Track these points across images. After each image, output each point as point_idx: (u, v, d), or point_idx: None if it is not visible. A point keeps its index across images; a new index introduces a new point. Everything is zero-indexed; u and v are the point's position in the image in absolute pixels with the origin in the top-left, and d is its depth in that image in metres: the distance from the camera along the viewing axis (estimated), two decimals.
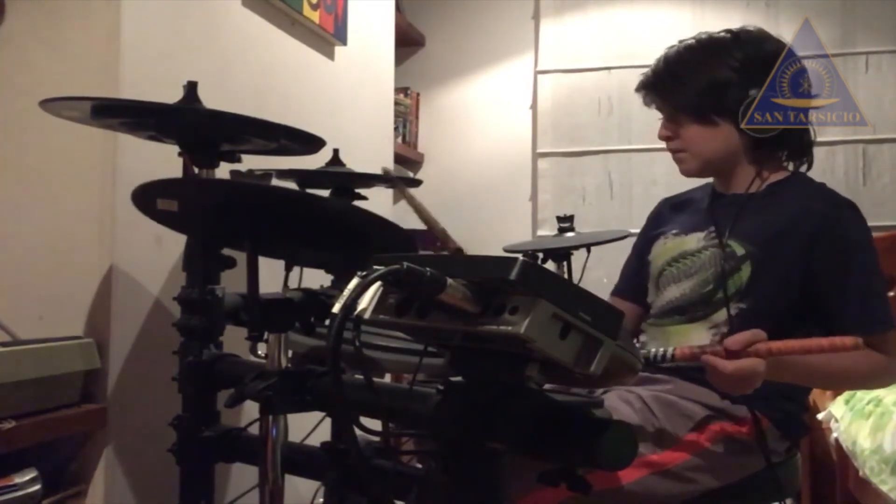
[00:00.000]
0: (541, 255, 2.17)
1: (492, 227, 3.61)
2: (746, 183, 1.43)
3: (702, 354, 1.13)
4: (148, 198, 1.27)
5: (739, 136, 1.40)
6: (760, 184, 1.43)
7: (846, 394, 2.15)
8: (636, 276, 1.58)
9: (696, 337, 1.36)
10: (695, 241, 1.44)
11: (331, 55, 2.28)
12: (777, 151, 1.45)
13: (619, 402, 1.27)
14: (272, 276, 1.28)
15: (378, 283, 0.74)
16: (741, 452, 1.30)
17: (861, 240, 1.36)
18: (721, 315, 1.35)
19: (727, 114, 1.39)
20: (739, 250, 1.36)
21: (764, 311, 1.33)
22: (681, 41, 1.46)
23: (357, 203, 1.65)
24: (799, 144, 1.45)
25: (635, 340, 1.51)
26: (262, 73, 1.95)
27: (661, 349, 1.16)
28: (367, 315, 0.76)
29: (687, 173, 1.49)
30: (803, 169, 1.47)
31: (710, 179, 1.54)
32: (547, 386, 0.94)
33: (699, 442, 1.27)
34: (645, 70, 1.48)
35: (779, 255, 1.34)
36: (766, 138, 1.39)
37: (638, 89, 1.49)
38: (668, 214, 1.59)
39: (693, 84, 1.41)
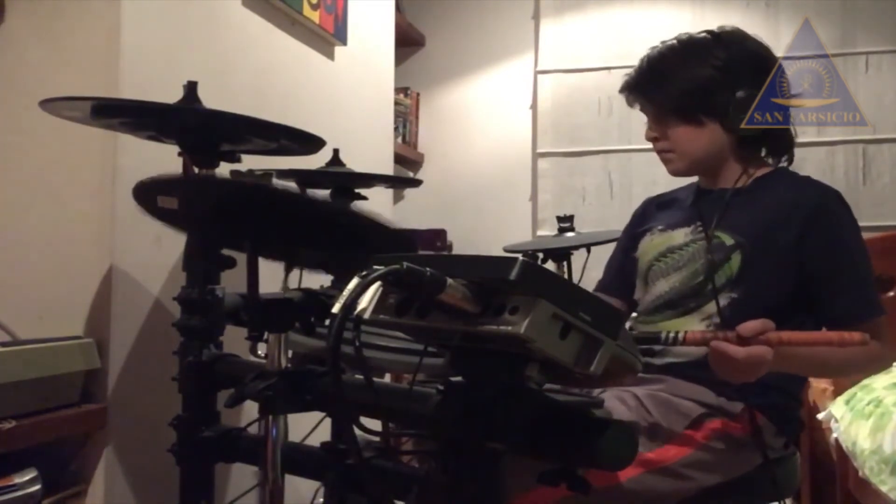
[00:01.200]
0: (541, 255, 2.17)
1: (492, 227, 3.61)
2: (733, 179, 1.45)
3: (713, 339, 1.13)
4: (149, 195, 1.27)
5: (726, 134, 1.42)
6: (747, 179, 1.44)
7: (846, 394, 2.15)
8: (620, 272, 1.60)
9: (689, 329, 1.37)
10: (682, 235, 1.46)
11: (331, 55, 2.28)
12: (761, 148, 1.47)
13: (614, 401, 1.27)
14: (272, 276, 1.28)
15: (378, 283, 0.74)
16: (738, 449, 1.30)
17: (850, 228, 1.38)
18: (713, 306, 1.36)
19: (713, 113, 1.41)
20: (728, 241, 1.38)
21: (755, 300, 1.34)
22: (662, 42, 1.47)
23: (357, 203, 1.65)
24: (781, 141, 1.47)
25: None
26: (262, 73, 1.95)
27: (673, 331, 1.15)
28: (367, 315, 0.76)
29: (675, 173, 1.50)
30: (785, 165, 1.49)
31: (696, 179, 1.55)
32: (546, 386, 0.94)
33: (695, 439, 1.27)
34: (628, 71, 1.49)
35: (769, 245, 1.36)
36: (750, 136, 1.41)
37: (622, 91, 1.50)
38: (653, 212, 1.60)
39: (678, 84, 1.43)
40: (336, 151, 1.63)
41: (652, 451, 1.23)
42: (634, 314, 1.54)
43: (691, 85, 1.41)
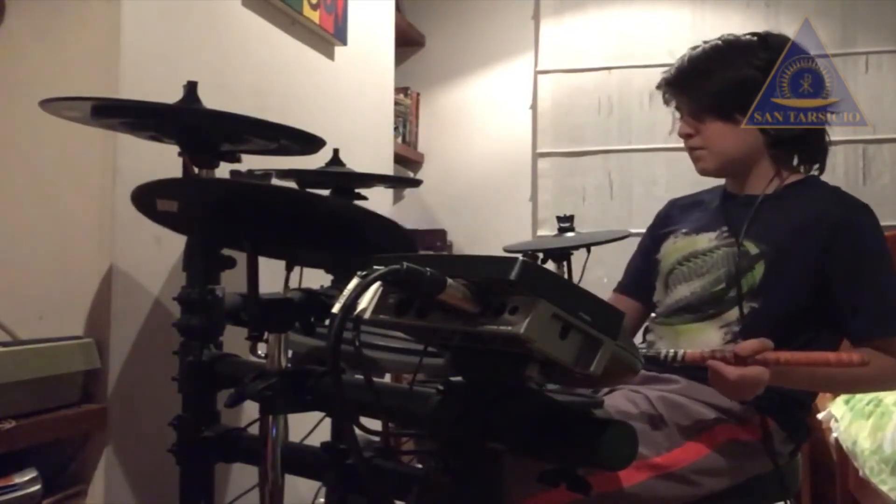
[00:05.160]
0: (541, 255, 2.17)
1: (492, 227, 3.61)
2: (762, 184, 1.43)
3: (710, 358, 1.13)
4: (147, 198, 1.27)
5: (761, 134, 1.41)
6: (779, 184, 1.43)
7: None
8: (641, 274, 1.58)
9: (706, 336, 1.36)
10: (706, 240, 1.44)
11: (331, 55, 2.28)
12: (793, 154, 1.45)
13: (625, 402, 1.26)
14: (272, 276, 1.28)
15: (378, 283, 0.74)
16: (746, 455, 1.30)
17: (876, 243, 1.36)
18: (732, 314, 1.35)
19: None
20: (753, 249, 1.36)
21: (775, 310, 1.33)
22: (705, 41, 1.47)
23: (357, 203, 1.64)
24: (817, 147, 1.46)
25: (643, 340, 1.51)
26: (262, 73, 1.95)
27: (672, 350, 1.16)
28: (367, 315, 0.76)
29: (704, 172, 1.48)
30: (815, 173, 1.48)
31: (722, 181, 1.54)
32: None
33: (705, 444, 1.26)
34: (667, 68, 1.48)
35: (793, 255, 1.34)
36: (785, 138, 1.40)
37: (659, 86, 1.49)
38: (677, 214, 1.58)
39: (718, 81, 1.41)
40: (336, 151, 1.63)
41: (661, 455, 1.22)
42: (653, 315, 1.53)
43: (731, 83, 1.40)
